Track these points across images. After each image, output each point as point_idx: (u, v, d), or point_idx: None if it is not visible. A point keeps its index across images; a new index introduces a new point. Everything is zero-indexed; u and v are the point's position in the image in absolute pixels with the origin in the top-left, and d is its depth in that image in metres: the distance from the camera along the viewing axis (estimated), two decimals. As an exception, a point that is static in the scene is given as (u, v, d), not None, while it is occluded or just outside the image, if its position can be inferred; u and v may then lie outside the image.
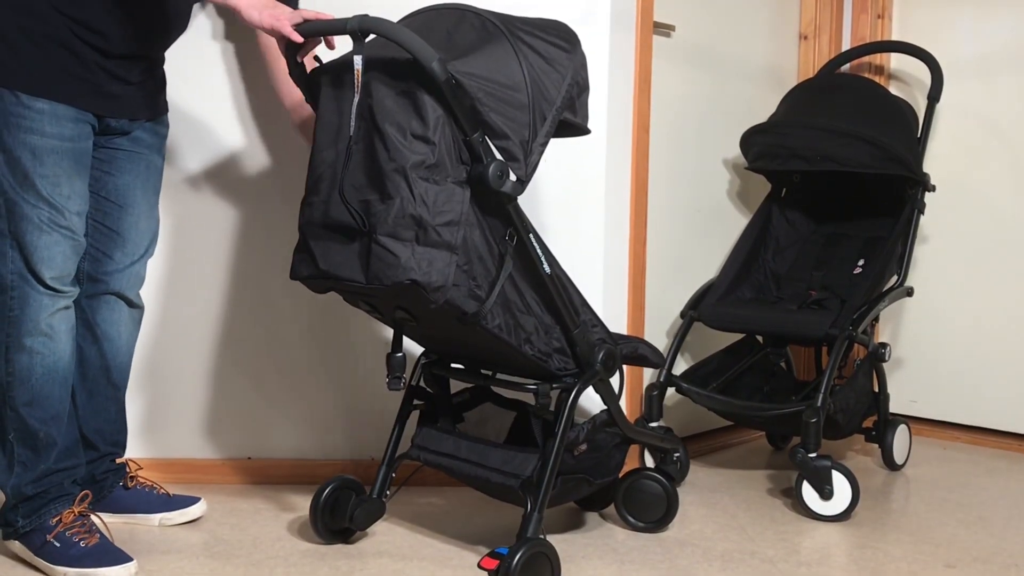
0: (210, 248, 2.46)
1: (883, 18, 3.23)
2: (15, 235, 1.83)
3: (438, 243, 1.71)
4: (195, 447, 2.49)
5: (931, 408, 3.18)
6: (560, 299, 1.89)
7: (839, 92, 2.79)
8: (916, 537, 2.23)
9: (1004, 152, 3.03)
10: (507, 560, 1.78)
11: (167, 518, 2.18)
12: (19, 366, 1.86)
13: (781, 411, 2.47)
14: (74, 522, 1.91)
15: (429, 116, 1.69)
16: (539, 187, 2.48)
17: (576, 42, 1.88)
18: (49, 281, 1.85)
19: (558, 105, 1.80)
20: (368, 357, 2.50)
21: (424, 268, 1.69)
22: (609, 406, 2.03)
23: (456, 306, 1.74)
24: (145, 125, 2.03)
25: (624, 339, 2.12)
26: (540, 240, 1.87)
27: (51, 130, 1.82)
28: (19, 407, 1.87)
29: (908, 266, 2.69)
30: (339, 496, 2.09)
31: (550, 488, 1.88)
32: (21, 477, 1.89)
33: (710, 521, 2.31)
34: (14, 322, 1.85)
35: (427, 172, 1.70)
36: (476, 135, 1.72)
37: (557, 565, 1.89)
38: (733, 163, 3.04)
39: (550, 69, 1.81)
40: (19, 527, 1.91)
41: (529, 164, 1.77)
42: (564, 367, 1.96)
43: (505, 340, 1.83)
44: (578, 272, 2.49)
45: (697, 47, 2.91)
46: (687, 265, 2.93)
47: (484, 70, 1.73)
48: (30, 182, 1.82)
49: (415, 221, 1.69)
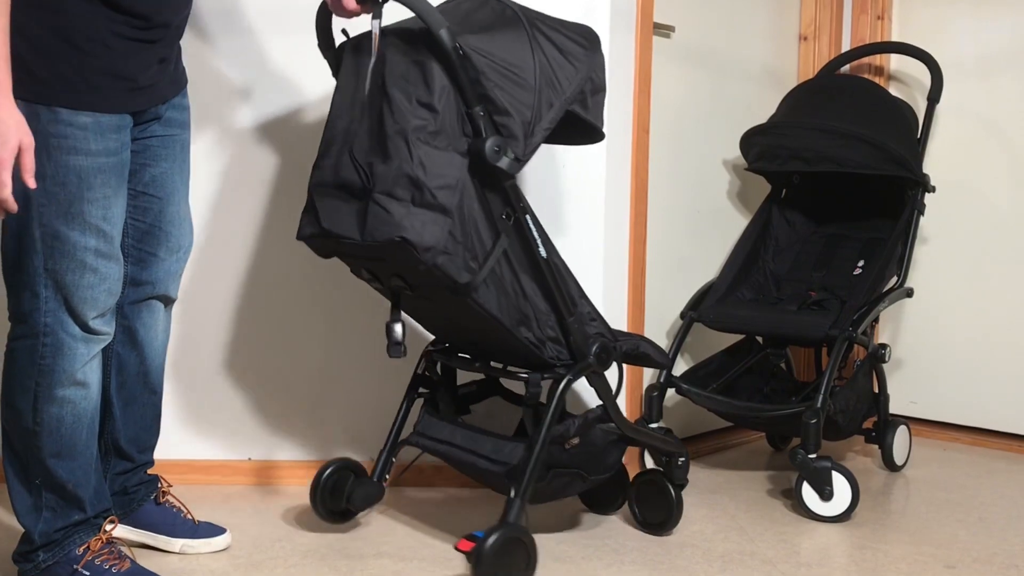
0: (209, 247, 2.46)
1: (883, 19, 3.23)
2: (53, 273, 1.65)
3: (433, 205, 1.74)
4: (195, 447, 2.49)
5: (931, 409, 3.18)
6: (555, 285, 1.90)
7: (839, 93, 2.78)
8: (916, 538, 2.23)
9: (1004, 153, 3.04)
10: (481, 543, 1.79)
11: (190, 545, 2.03)
12: (48, 417, 1.70)
13: (781, 412, 2.47)
14: (102, 549, 1.79)
15: (435, 84, 1.74)
16: (539, 187, 2.48)
17: (596, 43, 1.93)
18: (91, 323, 1.69)
19: (567, 96, 1.84)
20: (369, 358, 2.50)
21: (417, 228, 1.73)
22: (605, 401, 2.02)
23: (447, 273, 1.77)
24: (172, 102, 1.87)
25: (626, 336, 2.12)
26: (539, 225, 1.89)
27: (96, 147, 1.64)
28: (46, 458, 1.72)
29: (908, 267, 2.69)
30: (340, 477, 2.13)
31: (533, 476, 1.88)
32: (50, 523, 1.75)
33: (710, 522, 2.31)
34: (45, 372, 1.68)
35: (428, 137, 1.74)
36: (478, 108, 1.75)
37: (533, 553, 1.88)
38: (733, 164, 3.04)
39: (565, 61, 1.85)
40: (39, 562, 1.76)
41: (529, 145, 1.80)
42: (558, 356, 1.96)
43: (497, 319, 1.85)
44: (578, 272, 2.49)
45: (697, 48, 2.91)
46: (687, 266, 2.93)
47: (494, 48, 1.78)
48: (77, 209, 1.63)
49: (411, 182, 1.73)
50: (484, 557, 1.78)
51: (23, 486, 1.75)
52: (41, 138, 1.59)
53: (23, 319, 1.69)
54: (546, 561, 2.03)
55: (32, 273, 1.66)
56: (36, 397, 1.70)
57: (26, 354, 1.69)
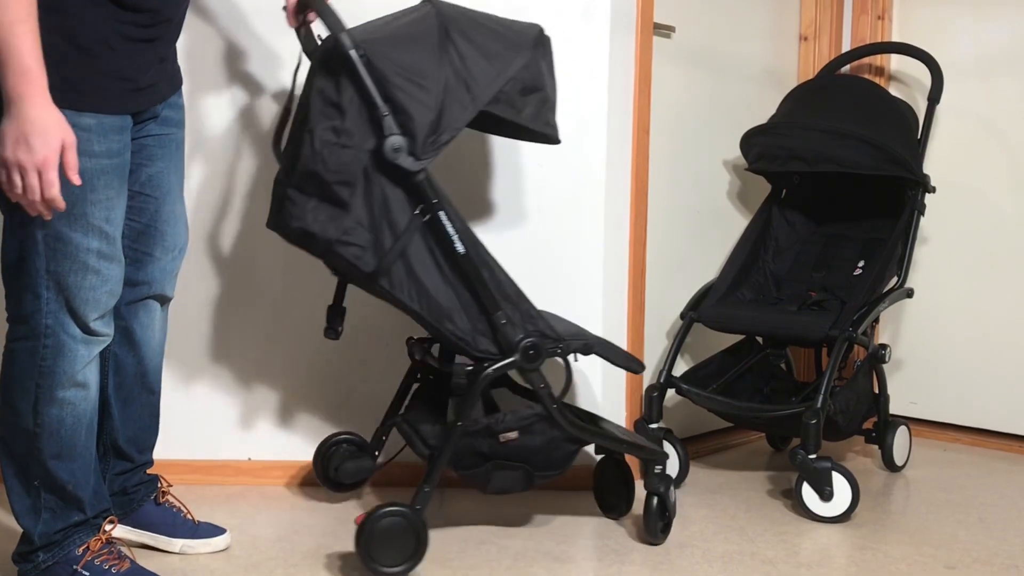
0: (209, 245, 2.46)
1: (883, 19, 3.23)
2: (55, 274, 1.65)
3: (333, 199, 1.85)
4: (195, 447, 2.49)
5: (931, 409, 3.18)
6: (477, 280, 1.93)
7: (839, 93, 2.78)
8: (916, 538, 2.23)
9: (1004, 153, 3.03)
10: (369, 520, 1.88)
11: (189, 546, 2.03)
12: (48, 419, 1.70)
13: (781, 412, 2.47)
14: (102, 549, 1.78)
15: (344, 86, 1.84)
16: (539, 187, 2.49)
17: (532, 45, 1.97)
18: (92, 324, 1.69)
19: (483, 98, 1.89)
20: (370, 358, 2.50)
21: (321, 220, 1.85)
22: (541, 398, 2.01)
23: (351, 263, 1.87)
24: (169, 101, 1.87)
25: (581, 338, 2.07)
26: (460, 220, 1.92)
27: (99, 148, 1.64)
28: (47, 460, 1.72)
29: (908, 267, 2.69)
30: (340, 447, 2.36)
31: (439, 466, 1.95)
32: (50, 524, 1.75)
33: (710, 522, 2.31)
34: (46, 373, 1.68)
35: (334, 135, 1.84)
36: (382, 109, 1.82)
37: (423, 540, 1.92)
38: (733, 164, 3.04)
39: (485, 64, 1.91)
40: (39, 563, 1.76)
41: (431, 144, 1.86)
42: (488, 351, 1.98)
43: (414, 311, 1.92)
44: (578, 272, 2.50)
45: (697, 48, 2.91)
46: (687, 266, 2.93)
47: (401, 53, 1.86)
48: (79, 211, 1.63)
49: (312, 176, 1.85)
50: (366, 533, 1.88)
51: (22, 487, 1.75)
52: None
53: (24, 320, 1.69)
54: (546, 561, 2.03)
55: (34, 275, 1.66)
56: (37, 399, 1.69)
57: (27, 356, 1.69)
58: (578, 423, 2.07)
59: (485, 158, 2.49)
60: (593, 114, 2.48)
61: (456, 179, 2.46)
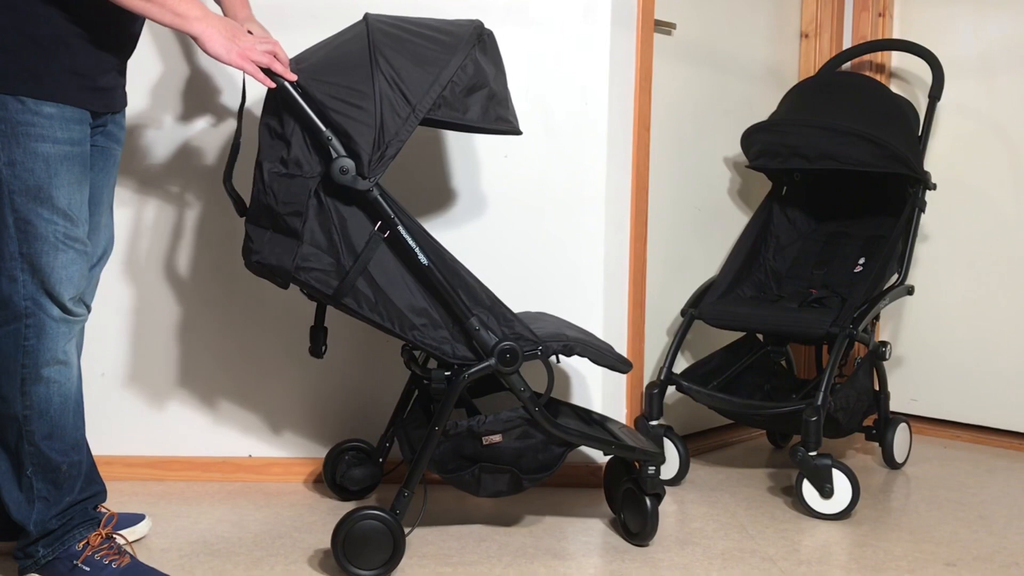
0: (210, 244, 2.46)
1: (884, 16, 3.23)
2: (29, 256, 1.71)
3: (286, 230, 1.88)
4: (195, 445, 2.50)
5: (931, 407, 3.18)
6: (444, 289, 1.93)
7: (840, 90, 2.78)
8: (916, 536, 2.23)
9: (1005, 150, 3.03)
10: (347, 520, 1.90)
11: None
12: (37, 398, 1.76)
13: (781, 409, 2.47)
14: (102, 544, 1.82)
15: (285, 117, 1.87)
16: (540, 187, 2.48)
17: (468, 43, 1.94)
18: (68, 303, 1.76)
19: (421, 105, 1.87)
20: (370, 357, 2.50)
21: (276, 253, 1.89)
22: (523, 402, 2.00)
23: (313, 287, 1.90)
24: (115, 118, 1.94)
25: (560, 339, 2.05)
26: (421, 232, 1.92)
27: (62, 135, 1.72)
28: (38, 441, 1.77)
29: (909, 264, 2.69)
30: (347, 454, 2.38)
31: (418, 467, 1.96)
32: (43, 512, 1.79)
33: (711, 519, 2.31)
34: (30, 352, 1.74)
35: (281, 166, 1.87)
36: (325, 134, 1.84)
37: (399, 550, 1.92)
38: (734, 161, 3.04)
39: (420, 72, 1.89)
40: (39, 557, 1.80)
41: (378, 161, 1.86)
42: (464, 357, 1.98)
43: (378, 324, 1.93)
44: (578, 271, 2.50)
45: (698, 45, 2.91)
46: (688, 263, 2.93)
47: (335, 75, 1.88)
48: (46, 194, 1.71)
49: (265, 209, 1.89)
50: (343, 536, 1.89)
51: (14, 481, 1.79)
52: (10, 126, 1.68)
53: (3, 304, 1.74)
54: (546, 558, 2.04)
55: (8, 258, 1.72)
56: (23, 379, 1.75)
57: (10, 339, 1.74)
58: (560, 425, 2.05)
59: (485, 157, 2.49)
60: (594, 111, 2.48)
61: (457, 179, 2.47)
